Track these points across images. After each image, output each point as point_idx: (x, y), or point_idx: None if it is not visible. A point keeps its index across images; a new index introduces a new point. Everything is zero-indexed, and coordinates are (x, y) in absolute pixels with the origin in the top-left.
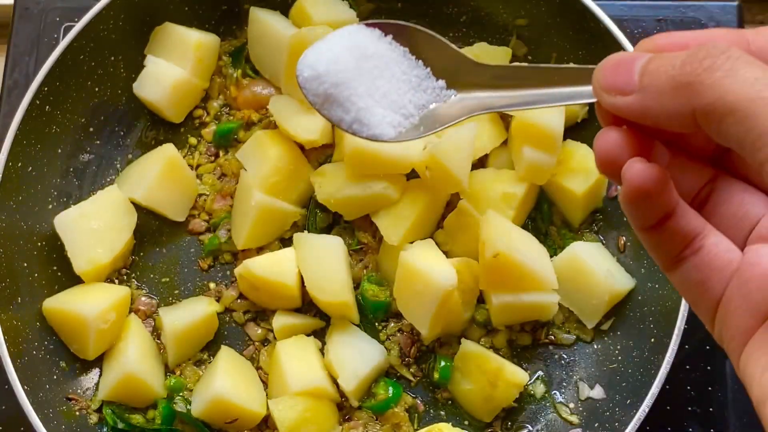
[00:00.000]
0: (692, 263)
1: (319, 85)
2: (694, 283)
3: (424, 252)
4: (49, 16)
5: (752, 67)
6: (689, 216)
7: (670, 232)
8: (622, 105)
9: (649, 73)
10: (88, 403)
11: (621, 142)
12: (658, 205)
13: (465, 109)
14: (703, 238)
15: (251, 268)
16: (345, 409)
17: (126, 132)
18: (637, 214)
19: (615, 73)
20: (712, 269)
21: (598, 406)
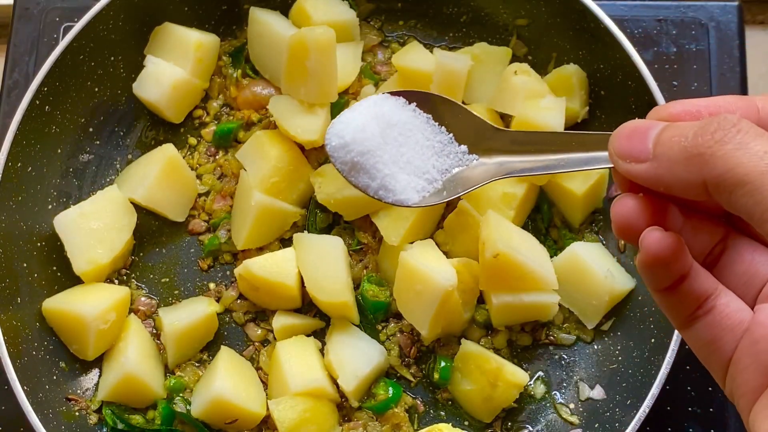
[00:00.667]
0: (704, 322)
1: (347, 153)
2: (706, 342)
3: (424, 252)
4: (49, 16)
5: (762, 140)
6: (702, 277)
7: (684, 293)
8: (637, 172)
9: (662, 143)
10: (87, 403)
11: (637, 208)
12: (673, 270)
13: (487, 174)
14: (715, 298)
15: (251, 268)
16: (345, 409)
17: (126, 132)
18: (653, 278)
19: (630, 141)
20: (723, 329)
21: (598, 406)
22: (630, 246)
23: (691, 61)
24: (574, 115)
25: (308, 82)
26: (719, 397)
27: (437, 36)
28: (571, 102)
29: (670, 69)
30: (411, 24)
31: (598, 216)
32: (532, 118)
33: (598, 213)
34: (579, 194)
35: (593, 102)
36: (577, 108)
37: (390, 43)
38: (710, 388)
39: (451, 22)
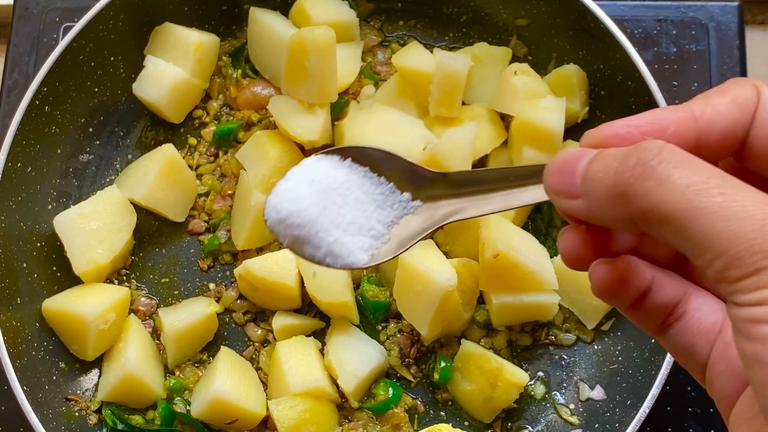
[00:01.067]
0: (677, 329)
1: (286, 228)
2: (681, 348)
3: (424, 252)
4: (49, 16)
5: (685, 170)
6: (667, 287)
7: (649, 307)
8: (571, 209)
9: (588, 179)
10: (87, 403)
11: (581, 240)
12: (629, 293)
13: (433, 221)
14: (685, 303)
15: (251, 268)
16: (345, 409)
17: (126, 132)
18: (612, 303)
19: (560, 177)
20: (695, 334)
21: (598, 406)
22: None
23: (691, 61)
24: (574, 116)
25: (308, 82)
26: None
27: (437, 36)
28: (571, 102)
29: (670, 69)
30: (411, 24)
31: None
32: (531, 118)
33: None
34: None
35: (593, 102)
36: (577, 108)
37: (390, 43)
38: None
39: (451, 23)
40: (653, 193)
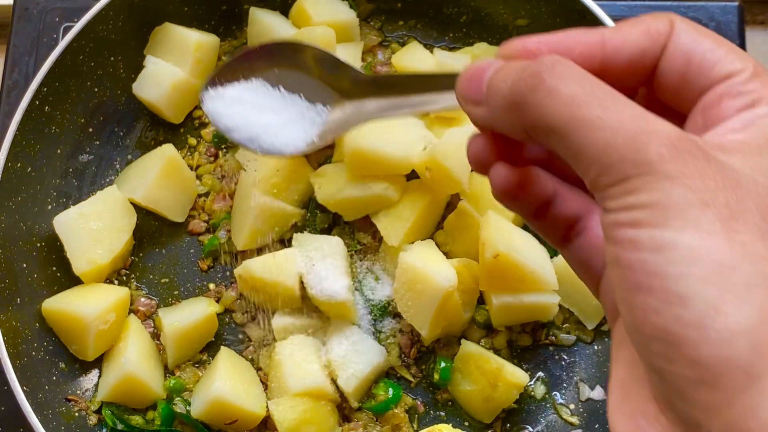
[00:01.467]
0: (577, 243)
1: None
2: (580, 262)
3: (424, 253)
4: (49, 17)
5: (573, 84)
6: (569, 201)
7: (551, 218)
8: (475, 115)
9: (490, 87)
10: (87, 404)
11: (487, 145)
12: (530, 201)
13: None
14: (586, 219)
15: (251, 268)
16: (345, 410)
17: (125, 132)
18: (512, 209)
19: (468, 83)
20: (592, 248)
21: (598, 407)
22: None
23: None
24: None
25: None
26: None
27: (437, 36)
28: None
29: None
30: (411, 24)
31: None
32: None
33: None
34: None
35: None
36: None
37: (390, 44)
38: None
39: (451, 23)
40: (541, 103)
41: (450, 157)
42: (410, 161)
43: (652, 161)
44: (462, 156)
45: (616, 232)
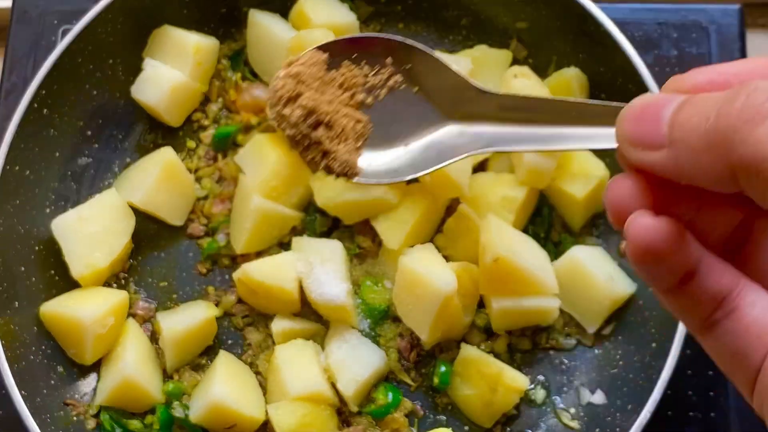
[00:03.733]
0: (725, 328)
1: None
2: (729, 351)
3: (424, 256)
4: (47, 19)
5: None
6: (717, 272)
7: (695, 293)
8: (650, 162)
9: (679, 126)
10: (85, 408)
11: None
12: (673, 266)
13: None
14: (736, 298)
15: (250, 272)
16: (344, 414)
17: (124, 135)
18: (649, 276)
19: (640, 123)
20: (748, 335)
21: (599, 411)
22: None
23: (692, 64)
24: None
25: None
26: (721, 401)
27: (437, 39)
28: None
29: (671, 72)
30: (411, 27)
31: (599, 220)
32: None
33: (598, 217)
34: (579, 198)
35: None
36: None
37: None
38: (711, 393)
39: (451, 26)
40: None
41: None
42: None
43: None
44: (462, 159)
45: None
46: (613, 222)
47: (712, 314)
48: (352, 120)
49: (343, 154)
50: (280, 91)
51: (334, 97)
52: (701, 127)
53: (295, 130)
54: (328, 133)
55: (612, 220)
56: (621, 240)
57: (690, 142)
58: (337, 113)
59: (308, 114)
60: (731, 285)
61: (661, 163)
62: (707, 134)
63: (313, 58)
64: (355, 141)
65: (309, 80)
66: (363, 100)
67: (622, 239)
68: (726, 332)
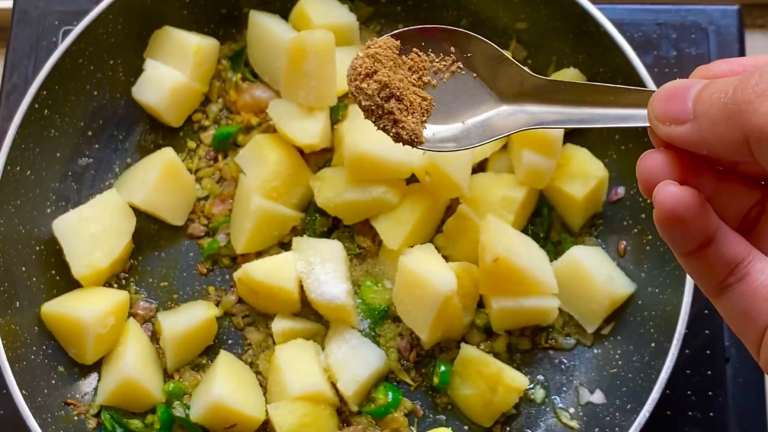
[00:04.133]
0: (737, 291)
1: None
2: (739, 312)
3: (424, 256)
4: (48, 20)
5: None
6: (732, 241)
7: (711, 258)
8: (677, 135)
9: (702, 101)
10: (86, 407)
11: (664, 165)
12: (694, 231)
13: (515, 123)
14: (748, 264)
15: (250, 272)
16: (344, 413)
17: (125, 136)
18: (672, 239)
19: (669, 102)
20: (757, 297)
21: (598, 411)
22: (630, 250)
23: (691, 64)
24: None
25: (307, 85)
26: (720, 401)
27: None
28: None
29: (670, 73)
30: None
31: (598, 220)
32: None
33: (597, 217)
34: (579, 198)
35: None
36: None
37: None
38: (710, 393)
39: (451, 26)
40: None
41: (449, 162)
42: (410, 165)
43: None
44: (461, 159)
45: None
46: (643, 190)
47: (726, 278)
48: (419, 97)
49: (411, 124)
50: (359, 68)
51: (404, 77)
52: (720, 101)
53: (371, 101)
54: (399, 105)
55: (642, 188)
56: (620, 240)
57: (711, 114)
58: (407, 89)
59: (382, 87)
60: (743, 253)
61: (687, 135)
62: (725, 107)
63: (387, 43)
64: (421, 115)
65: (384, 60)
66: (429, 81)
67: (621, 239)
68: (737, 295)
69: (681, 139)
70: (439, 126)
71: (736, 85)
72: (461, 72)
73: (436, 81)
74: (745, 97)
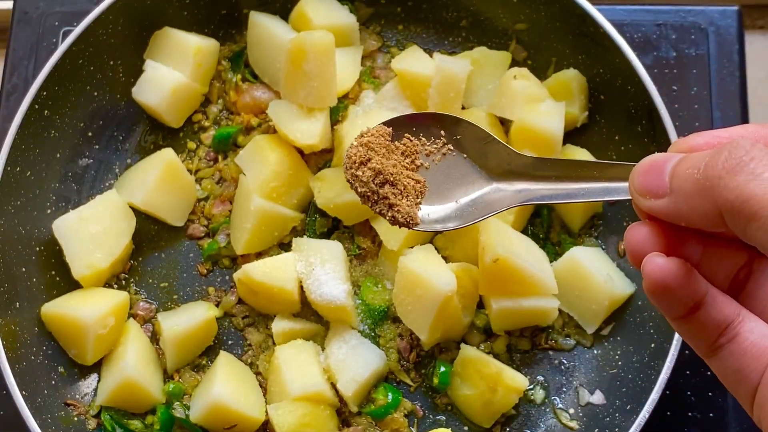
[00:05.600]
0: (728, 351)
1: None
2: (732, 371)
3: (424, 257)
4: (48, 20)
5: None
6: (721, 304)
7: (702, 321)
8: (657, 208)
9: (677, 176)
10: (86, 408)
11: (650, 236)
12: (682, 298)
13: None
14: (738, 325)
15: (250, 273)
16: (344, 414)
17: (125, 136)
18: (662, 306)
19: (648, 177)
20: (748, 356)
21: (598, 411)
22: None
23: (690, 65)
24: (573, 120)
25: (307, 86)
26: (719, 402)
27: (437, 40)
28: (570, 106)
29: (669, 73)
30: (411, 28)
31: (598, 221)
32: (531, 122)
33: (597, 218)
34: None
35: (593, 106)
36: (576, 112)
37: (389, 48)
38: (710, 394)
39: (451, 27)
40: (744, 187)
41: None
42: None
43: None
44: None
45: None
46: (632, 262)
47: (717, 339)
48: (413, 180)
49: (405, 207)
50: (354, 156)
51: (397, 162)
52: (693, 176)
53: (366, 188)
54: (393, 190)
55: (631, 260)
56: (620, 241)
57: (685, 189)
58: (400, 174)
59: (376, 174)
60: (733, 315)
61: (665, 208)
62: (698, 182)
63: (380, 131)
64: (415, 197)
65: (377, 147)
66: (422, 164)
67: (621, 240)
68: (729, 355)
69: (660, 212)
70: (433, 207)
71: (707, 161)
72: (452, 153)
73: (429, 163)
74: (715, 173)
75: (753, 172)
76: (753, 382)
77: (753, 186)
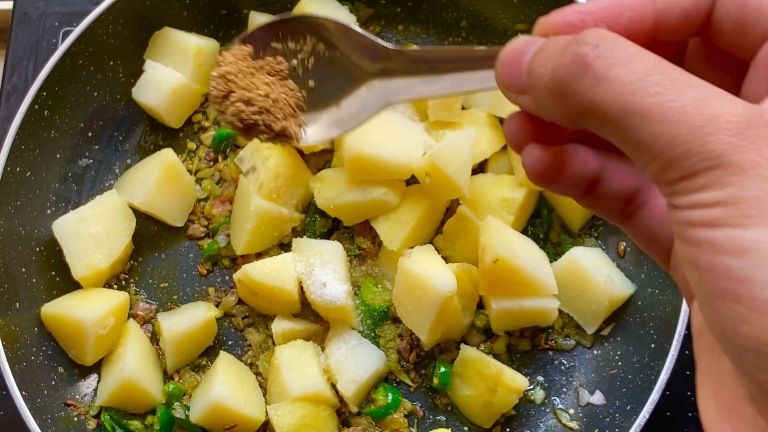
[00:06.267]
0: (639, 218)
1: None
2: (645, 236)
3: (424, 258)
4: (48, 21)
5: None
6: (621, 176)
7: (603, 196)
8: (522, 104)
9: (531, 75)
10: (86, 408)
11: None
12: (570, 182)
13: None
14: (646, 191)
15: (250, 273)
16: (344, 414)
17: (125, 137)
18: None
19: (508, 70)
20: (658, 223)
21: (598, 412)
22: (630, 251)
23: None
24: None
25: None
26: None
27: (437, 41)
28: None
29: None
30: (410, 29)
31: (598, 221)
32: None
33: (597, 218)
34: None
35: None
36: None
37: None
38: None
39: (451, 27)
40: (590, 92)
41: (450, 163)
42: (410, 166)
43: (722, 153)
44: (461, 161)
45: (690, 232)
46: (515, 151)
47: (626, 208)
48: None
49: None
50: (214, 90)
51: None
52: (544, 78)
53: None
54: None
55: (513, 149)
56: (620, 241)
57: (539, 89)
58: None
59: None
60: (637, 183)
61: (529, 105)
62: (547, 85)
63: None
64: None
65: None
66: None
67: (621, 240)
68: (640, 222)
69: (526, 108)
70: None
71: (555, 62)
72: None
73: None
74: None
75: (597, 75)
76: (666, 246)
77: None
